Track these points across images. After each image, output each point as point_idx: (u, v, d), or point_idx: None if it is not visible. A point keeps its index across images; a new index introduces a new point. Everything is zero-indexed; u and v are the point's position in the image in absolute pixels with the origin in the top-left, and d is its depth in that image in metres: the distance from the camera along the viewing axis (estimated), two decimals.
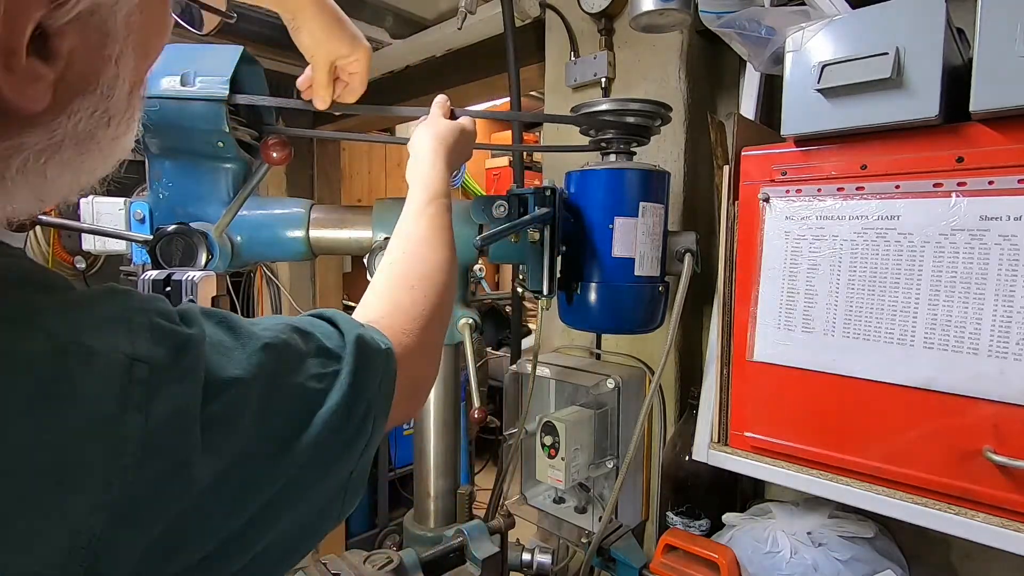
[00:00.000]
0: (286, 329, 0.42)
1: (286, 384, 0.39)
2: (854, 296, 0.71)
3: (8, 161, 0.31)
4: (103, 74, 0.34)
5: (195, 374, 0.33)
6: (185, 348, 0.33)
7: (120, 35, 0.34)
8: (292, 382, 0.40)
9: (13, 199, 0.32)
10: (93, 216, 0.90)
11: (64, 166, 0.34)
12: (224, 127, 0.84)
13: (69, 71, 0.31)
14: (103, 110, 0.35)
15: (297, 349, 0.41)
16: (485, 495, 1.21)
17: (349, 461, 0.43)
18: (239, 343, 0.38)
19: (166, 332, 0.33)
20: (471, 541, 0.94)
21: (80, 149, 0.34)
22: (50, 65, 0.30)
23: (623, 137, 0.89)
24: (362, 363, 0.44)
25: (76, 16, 0.30)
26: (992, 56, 0.59)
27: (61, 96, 0.31)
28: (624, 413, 1.07)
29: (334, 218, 0.97)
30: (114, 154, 0.38)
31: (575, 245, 0.88)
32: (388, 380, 0.47)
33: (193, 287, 0.75)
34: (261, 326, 0.41)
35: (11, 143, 0.30)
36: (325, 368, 0.42)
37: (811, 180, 0.74)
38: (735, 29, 0.79)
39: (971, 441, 0.63)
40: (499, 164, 4.22)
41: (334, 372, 0.42)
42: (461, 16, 1.32)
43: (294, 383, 0.40)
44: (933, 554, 0.91)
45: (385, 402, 0.47)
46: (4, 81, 0.28)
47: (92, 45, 0.32)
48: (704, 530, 1.00)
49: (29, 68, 0.29)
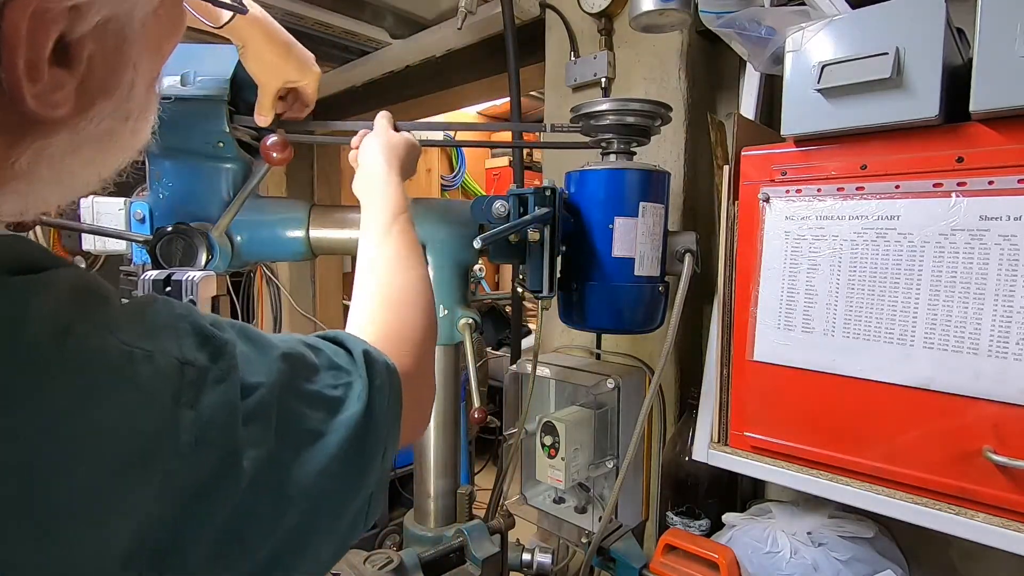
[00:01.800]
0: (299, 344, 0.44)
1: (306, 391, 0.41)
2: (854, 296, 0.71)
3: (37, 162, 0.33)
4: (122, 76, 0.35)
5: (233, 374, 0.35)
6: (223, 351, 0.36)
7: (136, 39, 0.35)
8: (311, 389, 0.41)
9: (43, 195, 0.35)
10: (93, 216, 0.90)
11: (88, 163, 0.36)
12: (224, 127, 0.84)
13: (89, 76, 0.33)
14: (123, 109, 0.36)
15: (311, 361, 0.43)
16: (485, 495, 1.21)
17: (372, 471, 0.44)
18: (257, 351, 0.39)
19: (207, 337, 0.36)
20: (471, 541, 0.94)
21: (102, 147, 0.37)
22: (71, 72, 0.32)
23: (623, 137, 0.89)
24: (372, 375, 0.45)
25: (95, 25, 0.31)
26: (992, 56, 0.59)
27: (82, 100, 0.33)
28: (624, 413, 1.07)
29: (334, 218, 0.97)
30: (134, 146, 0.40)
31: (575, 245, 0.88)
32: (395, 395, 0.48)
33: (193, 287, 0.75)
34: (277, 339, 0.43)
35: (38, 144, 0.32)
36: (338, 380, 0.44)
37: (811, 180, 0.74)
38: (735, 29, 0.79)
39: (971, 441, 0.63)
40: (499, 164, 4.22)
41: (346, 384, 0.44)
42: (461, 16, 1.32)
43: (312, 390, 0.41)
44: (933, 554, 0.91)
45: (396, 416, 0.48)
46: (29, 91, 0.30)
47: (110, 50, 0.34)
48: (704, 530, 1.00)
49: (52, 77, 0.30)
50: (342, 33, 1.85)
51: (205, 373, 0.34)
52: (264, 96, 0.81)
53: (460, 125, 1.12)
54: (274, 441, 0.37)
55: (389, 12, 1.75)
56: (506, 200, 0.84)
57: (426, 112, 2.21)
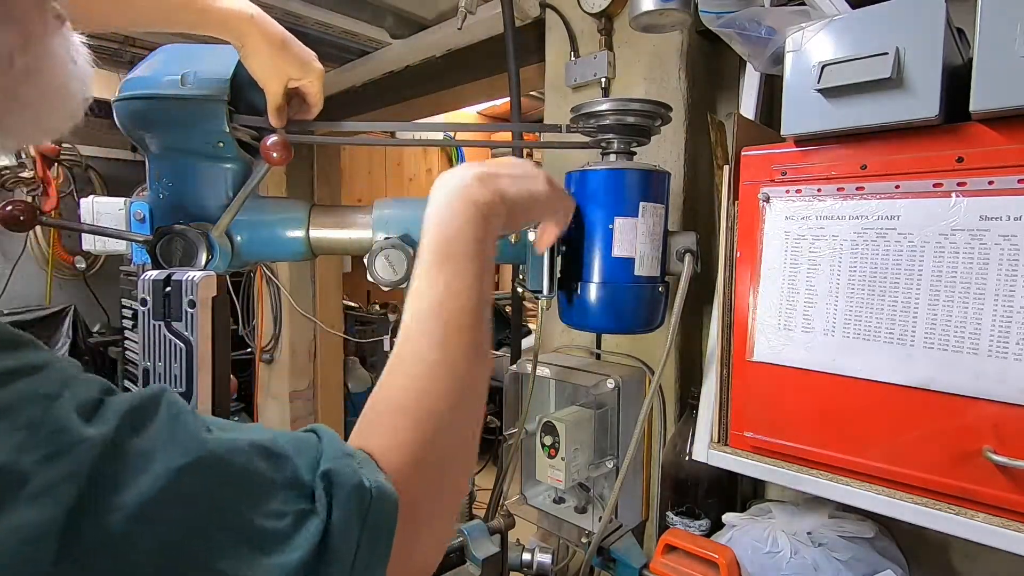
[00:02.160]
0: (250, 447, 0.33)
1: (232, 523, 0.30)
2: (854, 296, 0.71)
3: None
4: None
5: (59, 492, 0.26)
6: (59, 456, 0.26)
7: None
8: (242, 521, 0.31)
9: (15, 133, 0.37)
10: (93, 216, 0.90)
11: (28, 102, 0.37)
12: (224, 127, 0.84)
13: None
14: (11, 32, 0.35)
15: (262, 476, 0.33)
16: (485, 495, 1.21)
17: None
18: (165, 449, 0.30)
19: (50, 433, 0.27)
20: (471, 541, 0.94)
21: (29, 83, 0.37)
22: None
23: (623, 137, 0.89)
24: (332, 502, 0.34)
25: None
26: (992, 56, 0.59)
27: None
28: (624, 413, 1.07)
29: (334, 218, 0.97)
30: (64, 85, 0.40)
31: (575, 245, 0.88)
32: (376, 531, 0.35)
33: (193, 287, 0.75)
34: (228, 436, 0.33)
35: None
36: (292, 505, 0.33)
37: (811, 180, 0.74)
38: (735, 29, 0.79)
39: (971, 441, 0.63)
40: None
41: (302, 512, 0.33)
42: (461, 16, 1.32)
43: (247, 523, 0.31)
44: (933, 554, 0.91)
45: (376, 562, 0.36)
46: None
47: None
48: (704, 530, 1.00)
49: None
50: (342, 33, 1.85)
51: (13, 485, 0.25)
52: (271, 97, 0.81)
53: (460, 125, 1.12)
54: None
55: (389, 12, 1.75)
56: None
57: (426, 112, 2.21)
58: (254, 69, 0.78)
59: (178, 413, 0.32)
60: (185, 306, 0.75)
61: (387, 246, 0.86)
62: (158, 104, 0.83)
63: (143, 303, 0.75)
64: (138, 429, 0.30)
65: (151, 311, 0.75)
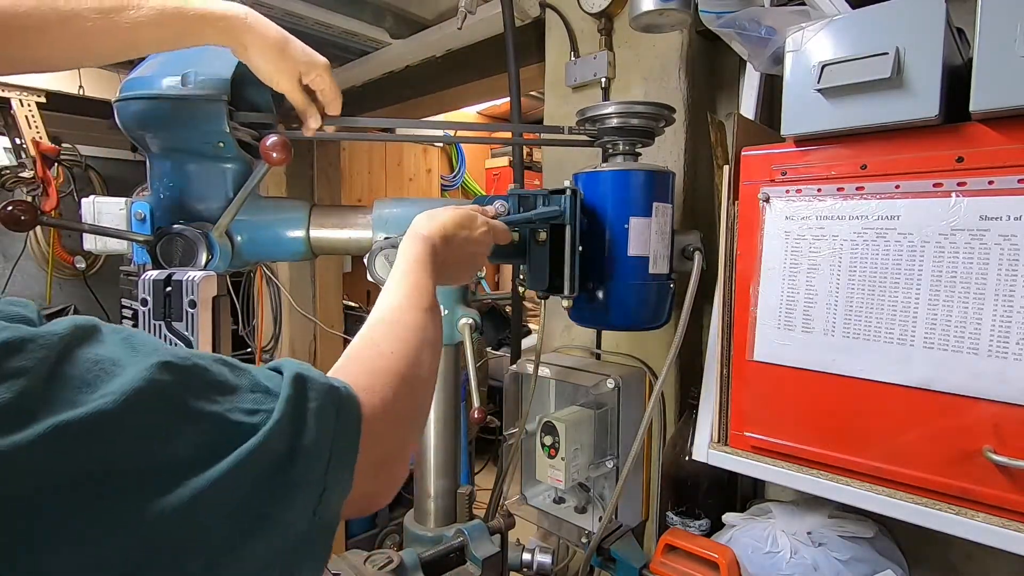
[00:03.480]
0: (208, 359, 0.36)
1: (192, 410, 0.32)
2: (854, 296, 0.71)
3: None
4: None
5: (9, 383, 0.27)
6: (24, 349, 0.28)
7: None
8: (202, 409, 0.33)
9: None
10: (94, 216, 0.90)
11: None
12: (224, 127, 0.84)
13: None
14: None
15: (217, 379, 0.35)
16: (485, 495, 1.21)
17: (284, 520, 0.35)
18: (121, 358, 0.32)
19: None
20: (471, 541, 0.95)
21: None
22: None
23: (629, 139, 0.90)
24: (302, 397, 0.37)
25: None
26: (992, 56, 0.59)
27: None
28: (624, 413, 1.07)
29: (334, 218, 0.97)
30: None
31: (588, 245, 0.88)
32: (346, 427, 0.39)
33: (193, 287, 0.75)
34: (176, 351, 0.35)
35: None
36: (258, 405, 0.35)
37: (811, 180, 0.74)
38: (735, 29, 0.79)
39: (971, 441, 0.63)
40: (499, 164, 4.23)
41: (268, 410, 0.35)
42: (461, 16, 1.32)
43: (205, 410, 0.33)
44: (933, 554, 0.91)
45: (344, 453, 0.38)
46: None
47: None
48: (704, 530, 1.00)
49: None
50: (342, 33, 1.85)
51: None
52: (290, 94, 0.80)
53: (460, 125, 1.12)
54: None
55: (389, 12, 1.75)
56: (506, 200, 0.84)
57: (426, 112, 2.21)
58: (260, 69, 0.77)
59: (116, 329, 0.34)
60: (186, 306, 0.75)
61: (387, 246, 0.86)
62: (159, 104, 0.83)
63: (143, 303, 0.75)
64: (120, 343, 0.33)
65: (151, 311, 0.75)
